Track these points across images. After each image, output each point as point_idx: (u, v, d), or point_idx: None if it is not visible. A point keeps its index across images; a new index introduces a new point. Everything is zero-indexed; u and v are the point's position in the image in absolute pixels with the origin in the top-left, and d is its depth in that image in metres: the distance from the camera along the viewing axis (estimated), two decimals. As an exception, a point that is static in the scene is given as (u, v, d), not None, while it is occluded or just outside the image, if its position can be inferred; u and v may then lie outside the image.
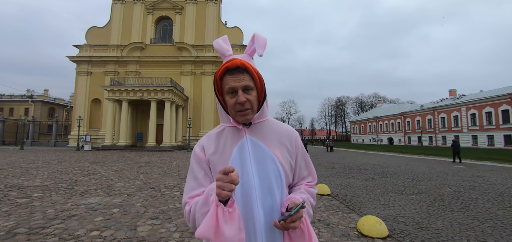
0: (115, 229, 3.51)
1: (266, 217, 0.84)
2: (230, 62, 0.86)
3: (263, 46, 0.90)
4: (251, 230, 0.82)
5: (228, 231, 0.71)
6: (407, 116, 53.93)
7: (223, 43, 0.92)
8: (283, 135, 0.95)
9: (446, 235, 3.51)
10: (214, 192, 0.74)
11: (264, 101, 0.92)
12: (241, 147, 0.89)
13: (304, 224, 0.82)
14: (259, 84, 0.89)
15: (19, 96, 44.68)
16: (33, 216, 4.02)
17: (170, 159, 15.03)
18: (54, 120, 35.75)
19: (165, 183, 7.18)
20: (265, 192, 0.86)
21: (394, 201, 5.43)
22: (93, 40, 30.82)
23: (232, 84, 0.85)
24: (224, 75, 0.88)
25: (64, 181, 7.21)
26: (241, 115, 0.87)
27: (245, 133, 0.91)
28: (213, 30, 30.69)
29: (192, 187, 0.90)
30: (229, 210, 0.73)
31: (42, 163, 11.78)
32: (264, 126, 0.94)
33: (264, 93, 0.91)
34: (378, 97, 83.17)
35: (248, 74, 0.86)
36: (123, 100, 24.17)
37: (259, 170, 0.87)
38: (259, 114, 0.92)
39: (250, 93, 0.86)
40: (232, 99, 0.86)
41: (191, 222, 0.84)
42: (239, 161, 0.88)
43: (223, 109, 0.92)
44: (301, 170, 0.99)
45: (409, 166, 12.69)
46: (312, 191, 0.97)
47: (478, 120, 38.13)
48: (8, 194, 5.46)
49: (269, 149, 0.90)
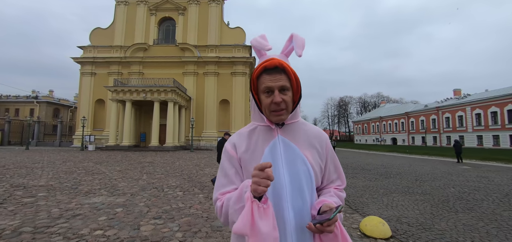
0: (118, 229, 3.54)
1: (296, 218, 0.84)
2: (269, 61, 0.86)
3: (302, 47, 0.89)
4: (281, 230, 0.81)
5: (263, 227, 0.72)
6: (411, 116, 53.47)
7: (261, 39, 0.91)
8: (313, 136, 0.95)
9: (450, 236, 3.48)
10: (248, 189, 0.76)
11: (299, 103, 0.92)
12: (273, 147, 0.90)
13: (337, 228, 0.81)
14: (295, 85, 0.89)
15: (25, 97, 45.24)
16: (38, 215, 4.08)
17: (173, 159, 15.10)
18: (59, 120, 36.14)
19: (168, 183, 7.22)
20: (295, 193, 0.85)
21: (397, 202, 5.39)
22: (97, 41, 31.11)
23: (269, 84, 0.85)
24: (261, 74, 0.87)
25: (69, 180, 7.29)
26: (276, 115, 0.87)
27: (278, 133, 0.92)
28: (216, 30, 30.76)
29: (223, 184, 0.91)
30: (263, 206, 0.74)
31: (47, 163, 11.92)
32: (296, 126, 0.95)
33: (299, 95, 0.91)
34: (382, 97, 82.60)
35: (285, 75, 0.86)
36: (127, 101, 24.35)
37: (290, 170, 0.87)
38: (292, 115, 0.92)
39: (286, 94, 0.86)
40: (268, 99, 0.86)
41: (223, 217, 0.86)
42: (270, 160, 0.87)
43: (257, 108, 0.92)
44: (331, 173, 0.98)
45: (413, 166, 12.59)
46: (341, 195, 0.96)
47: (483, 120, 37.66)
48: (14, 194, 5.54)
49: (300, 150, 0.90)
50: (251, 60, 30.06)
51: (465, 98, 42.60)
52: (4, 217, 3.92)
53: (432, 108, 47.54)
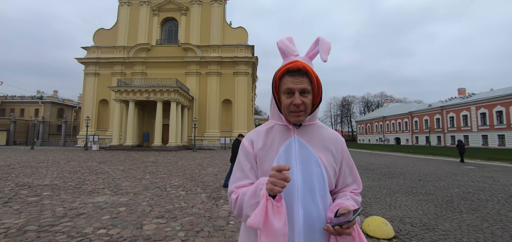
0: (121, 228, 3.57)
1: (305, 218, 0.85)
2: (292, 64, 0.88)
3: (328, 51, 0.91)
4: (290, 229, 0.83)
5: (276, 223, 0.75)
6: (415, 116, 53.04)
7: (289, 43, 0.93)
8: (329, 140, 0.96)
9: (454, 236, 3.45)
10: (264, 186, 0.78)
11: (319, 106, 0.93)
12: (288, 146, 0.91)
13: (355, 231, 0.81)
14: (316, 89, 0.90)
15: (30, 98, 45.76)
16: (42, 214, 4.12)
17: (176, 158, 15.17)
18: (63, 120, 36.51)
19: (171, 182, 7.26)
20: (307, 194, 0.87)
21: (400, 202, 5.35)
22: (101, 42, 31.35)
23: (290, 86, 0.87)
24: (284, 75, 0.89)
25: (73, 180, 7.36)
26: (294, 116, 0.89)
27: (294, 133, 0.93)
28: (218, 30, 30.81)
29: (239, 178, 0.94)
30: (277, 204, 0.77)
31: (52, 163, 12.05)
32: (312, 128, 0.96)
33: (320, 98, 0.92)
34: (385, 97, 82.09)
35: (307, 78, 0.88)
36: (130, 101, 24.51)
37: (303, 171, 0.89)
38: (310, 117, 0.93)
39: (306, 97, 0.88)
40: (288, 100, 0.88)
41: (237, 210, 0.88)
42: (284, 159, 0.90)
43: (277, 107, 0.94)
44: (346, 177, 0.99)
45: (416, 166, 12.49)
46: (357, 199, 0.96)
47: (488, 119, 37.23)
48: (19, 193, 5.61)
49: (315, 151, 0.92)
50: (253, 60, 30.06)
51: (470, 98, 42.14)
52: (9, 216, 3.98)
53: (436, 107, 47.10)
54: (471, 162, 15.01)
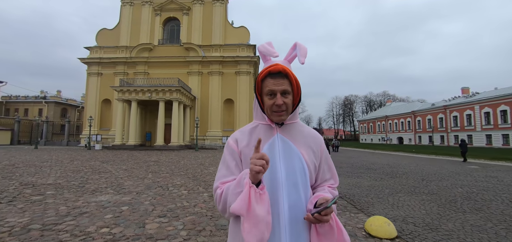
0: (124, 226, 3.59)
1: (290, 210, 0.90)
2: (273, 67, 0.94)
3: (305, 55, 0.98)
4: (276, 221, 0.88)
5: (258, 210, 0.80)
6: (418, 115, 52.69)
7: (270, 47, 0.99)
8: (310, 137, 1.03)
9: (457, 236, 3.42)
10: (247, 175, 0.83)
11: (298, 105, 1.00)
12: (272, 144, 0.97)
13: (333, 220, 0.87)
14: (295, 90, 0.97)
15: (33, 97, 46.17)
16: (46, 213, 4.16)
17: (178, 158, 15.22)
18: (67, 120, 36.77)
19: (173, 181, 7.28)
20: (291, 187, 0.92)
21: (403, 202, 5.32)
22: (103, 42, 31.52)
23: (272, 88, 0.93)
24: (265, 77, 0.95)
25: (76, 179, 7.42)
26: (277, 115, 0.95)
27: (277, 131, 0.99)
28: (220, 30, 30.82)
29: (224, 174, 0.98)
30: (260, 191, 0.82)
31: (55, 162, 12.15)
32: (294, 127, 1.02)
33: (299, 98, 0.99)
34: (388, 96, 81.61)
35: (287, 80, 0.94)
36: (132, 101, 24.62)
37: (287, 166, 0.95)
38: (291, 116, 1.00)
39: (287, 97, 0.94)
40: (270, 101, 0.94)
41: (221, 204, 0.92)
42: (268, 155, 0.93)
43: (260, 108, 1.00)
44: (325, 173, 1.06)
45: (419, 166, 12.41)
46: (335, 193, 1.02)
47: (492, 119, 36.87)
48: (23, 192, 5.66)
49: (297, 148, 0.98)
50: (255, 59, 30.04)
51: (473, 97, 41.74)
52: (13, 215, 4.01)
53: (440, 107, 46.75)
54: (474, 162, 14.89)
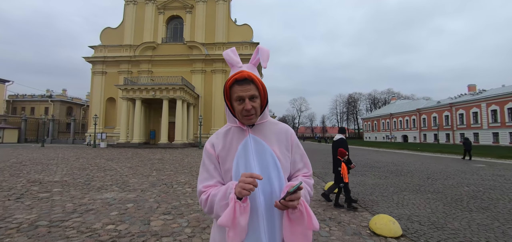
0: (129, 223, 3.63)
1: (266, 201, 1.00)
2: (239, 74, 1.01)
3: (266, 59, 1.05)
4: (254, 213, 0.98)
5: (242, 221, 0.91)
6: (423, 113, 52.05)
7: (233, 55, 1.07)
8: (280, 133, 1.11)
9: (463, 235, 3.38)
10: (233, 191, 0.92)
11: (266, 107, 1.08)
12: (245, 144, 1.05)
13: (302, 206, 0.94)
14: (262, 93, 1.04)
15: (39, 96, 46.81)
16: (53, 209, 4.22)
17: (182, 156, 15.31)
18: (72, 118, 37.26)
19: (177, 179, 7.33)
20: (265, 181, 1.01)
21: (408, 200, 5.28)
22: (107, 40, 31.76)
23: (240, 94, 1.00)
24: (233, 84, 1.02)
25: (82, 176, 7.51)
26: (247, 119, 1.03)
27: (249, 132, 1.07)
28: (223, 28, 30.81)
29: (206, 178, 1.07)
30: (243, 205, 0.92)
31: (61, 160, 12.32)
32: (265, 126, 1.10)
33: (266, 100, 1.07)
34: (392, 94, 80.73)
35: (254, 85, 1.01)
36: (136, 99, 24.81)
37: (260, 163, 1.03)
38: (261, 117, 1.08)
39: (255, 101, 1.02)
40: (240, 106, 1.01)
41: (207, 208, 1.02)
42: (243, 155, 1.04)
43: (230, 113, 1.07)
44: (297, 162, 1.13)
45: (424, 164, 12.29)
46: (309, 181, 1.10)
47: (499, 116, 36.22)
48: (31, 189, 5.76)
49: (269, 145, 1.06)
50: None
51: (480, 94, 41.03)
52: (21, 211, 4.09)
53: (445, 104, 46.10)
54: (481, 160, 14.69)
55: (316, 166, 11.35)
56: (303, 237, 0.96)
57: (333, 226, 3.68)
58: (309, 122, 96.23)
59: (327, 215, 4.22)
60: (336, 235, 3.35)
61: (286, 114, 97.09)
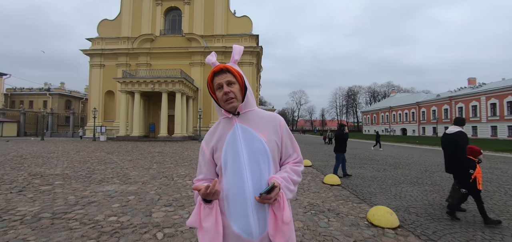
0: (131, 215, 3.68)
1: (254, 186, 1.06)
2: (216, 67, 1.12)
3: (238, 54, 1.15)
4: (242, 198, 1.04)
5: (206, 223, 1.02)
6: (422, 106, 52.13)
7: (212, 58, 1.16)
8: (268, 120, 1.17)
9: (459, 227, 3.45)
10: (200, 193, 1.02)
11: (247, 93, 1.13)
12: (233, 132, 1.12)
13: (281, 197, 1.03)
14: (240, 80, 1.13)
15: (38, 90, 46.54)
16: (55, 202, 4.27)
17: (182, 149, 15.36)
18: (71, 112, 37.15)
19: (178, 172, 7.39)
20: (254, 166, 1.07)
21: (406, 192, 5.35)
22: (105, 33, 31.38)
23: (218, 81, 1.10)
24: (213, 78, 1.13)
25: (83, 169, 7.56)
26: (228, 103, 1.10)
27: (236, 121, 1.14)
28: (222, 20, 30.44)
29: (198, 172, 1.21)
30: (209, 206, 1.03)
31: (62, 153, 12.36)
32: (251, 114, 1.16)
33: (245, 87, 1.14)
34: (392, 87, 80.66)
35: (229, 73, 1.11)
36: (135, 92, 24.70)
37: (248, 149, 1.09)
38: (245, 104, 1.13)
39: (233, 86, 1.10)
40: (220, 93, 1.10)
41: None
42: (231, 143, 1.10)
43: (217, 104, 1.16)
44: (287, 148, 1.19)
45: (422, 157, 12.39)
46: (296, 169, 1.16)
47: (498, 110, 36.32)
48: (32, 182, 5.80)
49: (256, 132, 1.12)
50: (258, 49, 29.77)
51: (480, 88, 41.04)
52: (24, 204, 4.13)
53: (445, 98, 46.14)
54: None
55: (315, 159, 11.42)
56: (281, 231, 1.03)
57: (331, 218, 3.75)
58: (308, 115, 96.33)
59: (326, 206, 4.29)
60: (334, 226, 3.42)
61: (286, 107, 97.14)
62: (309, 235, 3.12)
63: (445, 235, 3.18)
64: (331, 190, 5.44)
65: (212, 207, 1.02)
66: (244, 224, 1.03)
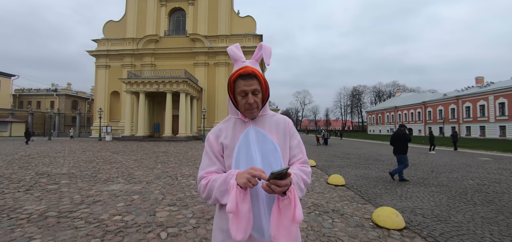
0: (135, 214, 3.70)
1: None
2: (243, 69, 1.06)
3: (269, 56, 1.11)
4: (255, 197, 1.03)
5: (243, 208, 0.96)
6: (428, 106, 51.39)
7: (237, 50, 1.12)
8: (279, 123, 1.17)
9: (467, 228, 3.38)
10: (233, 177, 0.98)
11: (267, 101, 1.14)
12: (246, 134, 1.11)
13: (292, 194, 0.95)
14: (264, 88, 1.11)
15: (45, 90, 47.34)
16: (61, 201, 4.33)
17: (186, 148, 15.44)
18: (77, 112, 37.68)
19: (182, 171, 7.42)
20: (266, 168, 1.05)
21: (412, 193, 5.27)
22: (110, 34, 31.77)
23: (244, 88, 1.05)
24: (237, 79, 1.07)
25: (88, 169, 7.65)
26: (249, 113, 1.09)
27: (250, 123, 1.13)
28: (226, 20, 30.52)
29: (207, 164, 1.12)
30: (244, 192, 0.96)
31: (68, 153, 12.54)
32: (265, 118, 1.16)
33: (267, 95, 1.14)
34: (397, 86, 79.72)
35: (256, 80, 1.06)
36: (140, 93, 24.94)
37: (261, 150, 1.09)
38: (262, 110, 1.14)
39: (257, 96, 1.07)
40: (243, 100, 1.07)
41: (206, 193, 1.06)
42: (244, 144, 1.09)
43: (233, 106, 1.13)
44: (294, 148, 1.18)
45: (429, 157, 12.21)
46: (305, 169, 1.14)
47: (507, 109, 35.54)
48: (39, 181, 5.89)
49: (269, 134, 1.12)
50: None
51: (488, 87, 40.25)
52: (31, 202, 4.20)
53: (452, 97, 45.39)
54: (487, 154, 14.53)
55: (320, 159, 11.35)
56: (286, 232, 0.96)
57: (336, 218, 3.71)
58: (312, 114, 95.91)
59: (330, 207, 4.25)
60: (339, 227, 3.38)
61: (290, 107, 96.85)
62: (313, 236, 3.09)
63: (453, 237, 3.11)
64: (335, 191, 5.40)
65: (247, 192, 0.97)
66: (256, 224, 1.02)
